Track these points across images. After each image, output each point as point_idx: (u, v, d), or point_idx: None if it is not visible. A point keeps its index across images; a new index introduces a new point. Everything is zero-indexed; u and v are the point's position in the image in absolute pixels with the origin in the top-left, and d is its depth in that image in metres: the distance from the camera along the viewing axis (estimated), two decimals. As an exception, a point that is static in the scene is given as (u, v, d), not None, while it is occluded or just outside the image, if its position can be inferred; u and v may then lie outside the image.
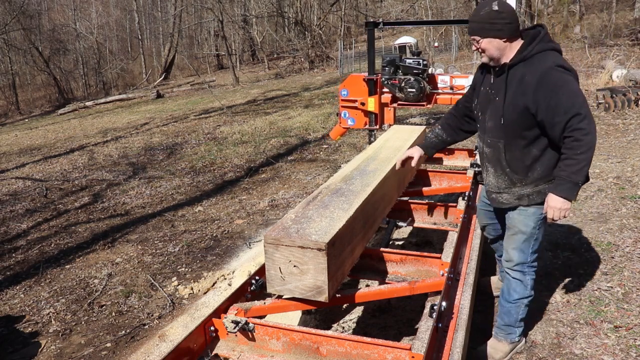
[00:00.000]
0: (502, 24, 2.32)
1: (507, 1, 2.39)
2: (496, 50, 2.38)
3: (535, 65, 2.30)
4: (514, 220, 2.60)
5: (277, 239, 2.10)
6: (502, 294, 2.78)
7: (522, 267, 2.65)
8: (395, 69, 4.57)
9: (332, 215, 2.30)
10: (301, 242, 2.05)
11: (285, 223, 2.23)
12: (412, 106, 4.67)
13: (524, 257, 2.63)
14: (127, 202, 6.71)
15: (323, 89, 16.52)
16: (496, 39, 2.36)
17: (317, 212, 2.34)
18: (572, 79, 2.27)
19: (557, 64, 2.27)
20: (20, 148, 11.97)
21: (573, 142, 2.24)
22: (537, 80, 2.27)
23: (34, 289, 4.48)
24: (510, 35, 2.35)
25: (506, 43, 2.36)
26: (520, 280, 2.67)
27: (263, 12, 28.88)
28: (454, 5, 22.69)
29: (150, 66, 32.66)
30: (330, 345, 1.97)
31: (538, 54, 2.32)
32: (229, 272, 4.35)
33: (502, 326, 2.80)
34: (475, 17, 2.38)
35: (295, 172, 7.29)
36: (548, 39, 2.37)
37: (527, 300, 2.71)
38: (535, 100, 2.29)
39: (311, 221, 2.23)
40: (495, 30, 2.33)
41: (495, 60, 2.43)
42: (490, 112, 2.51)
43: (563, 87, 2.23)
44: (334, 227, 2.16)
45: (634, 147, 6.68)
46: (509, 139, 2.46)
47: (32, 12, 29.16)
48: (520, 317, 2.75)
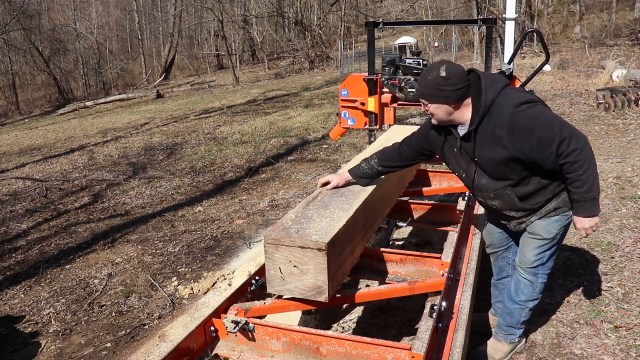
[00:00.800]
0: (450, 90, 2.25)
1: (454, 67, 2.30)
2: (445, 115, 2.33)
3: (497, 117, 2.24)
4: (536, 226, 2.52)
5: (278, 239, 2.10)
6: (508, 293, 2.74)
7: (537, 270, 2.60)
8: (395, 69, 4.56)
9: (332, 216, 2.30)
10: (301, 242, 2.05)
11: (286, 223, 2.23)
12: (412, 106, 4.67)
13: (541, 260, 2.58)
14: (127, 202, 6.71)
15: (323, 89, 16.52)
16: (444, 105, 2.29)
17: (317, 212, 2.34)
18: (538, 109, 2.22)
19: (515, 104, 2.21)
20: (20, 148, 11.97)
21: (572, 166, 2.22)
22: (508, 131, 2.22)
23: (34, 289, 4.48)
24: (458, 100, 2.28)
25: (454, 108, 2.30)
26: (530, 282, 2.62)
27: (263, 12, 28.90)
28: (454, 5, 22.69)
29: (150, 66, 32.67)
30: (330, 345, 1.97)
31: (493, 104, 2.25)
32: (229, 272, 4.35)
33: (504, 326, 2.78)
34: (422, 81, 2.32)
35: (295, 172, 7.29)
36: (490, 80, 2.29)
37: (532, 304, 2.68)
38: (517, 149, 2.24)
39: (311, 221, 2.23)
40: (442, 96, 2.27)
41: (445, 122, 2.37)
42: (478, 171, 2.44)
43: (534, 122, 2.18)
44: (334, 227, 2.16)
45: (634, 147, 6.69)
46: (515, 181, 2.40)
47: (32, 12, 29.17)
48: (523, 320, 2.73)
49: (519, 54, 15.83)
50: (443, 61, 2.33)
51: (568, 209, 2.44)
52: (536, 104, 2.25)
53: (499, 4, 19.46)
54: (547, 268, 2.62)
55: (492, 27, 4.48)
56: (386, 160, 2.72)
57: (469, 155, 2.41)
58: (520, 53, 15.84)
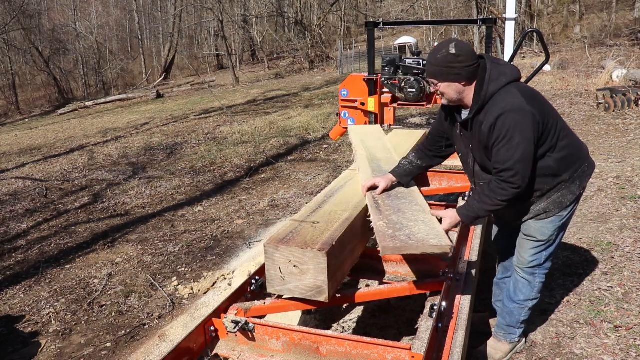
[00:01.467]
0: (460, 67, 2.25)
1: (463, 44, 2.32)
2: (455, 94, 2.32)
3: (489, 113, 2.26)
4: (530, 228, 2.54)
5: (399, 247, 2.03)
6: (507, 293, 2.75)
7: (534, 270, 2.62)
8: (395, 69, 4.57)
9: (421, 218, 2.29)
10: (424, 248, 2.01)
11: (386, 232, 2.15)
12: (412, 106, 4.67)
13: (538, 261, 2.59)
14: (127, 202, 6.71)
15: (323, 89, 16.52)
16: (455, 83, 2.29)
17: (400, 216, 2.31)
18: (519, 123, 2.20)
19: (508, 109, 2.20)
20: (20, 148, 11.97)
21: (491, 184, 2.27)
22: (489, 129, 2.25)
23: (34, 289, 4.48)
24: (469, 78, 2.28)
25: (465, 86, 2.30)
26: (528, 282, 2.64)
27: (263, 12, 28.90)
28: (454, 5, 22.70)
29: (150, 66, 32.67)
30: (330, 345, 1.97)
31: (491, 99, 2.26)
32: (229, 272, 4.35)
33: (504, 326, 2.79)
34: (432, 59, 2.31)
35: (295, 172, 7.29)
36: (497, 72, 2.28)
37: (531, 303, 2.69)
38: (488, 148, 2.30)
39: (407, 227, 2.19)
40: (453, 74, 2.26)
41: (454, 102, 2.38)
42: (471, 157, 2.49)
43: (505, 138, 2.20)
44: (436, 228, 2.17)
45: (634, 147, 6.69)
46: None
47: (32, 12, 29.16)
48: (522, 319, 2.74)
49: (519, 54, 15.82)
50: (451, 39, 2.34)
51: (560, 210, 2.46)
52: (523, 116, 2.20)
53: (499, 4, 19.47)
54: (544, 268, 2.63)
55: (492, 27, 4.49)
56: (421, 151, 2.74)
57: (467, 141, 2.45)
58: (520, 53, 15.84)
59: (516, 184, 2.22)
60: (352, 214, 2.40)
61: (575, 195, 2.47)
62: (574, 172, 2.44)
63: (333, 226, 2.26)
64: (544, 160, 2.35)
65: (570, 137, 2.46)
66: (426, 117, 10.04)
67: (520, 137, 2.19)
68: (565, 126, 2.45)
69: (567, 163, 2.41)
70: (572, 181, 2.44)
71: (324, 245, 2.07)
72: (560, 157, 2.37)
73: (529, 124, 2.21)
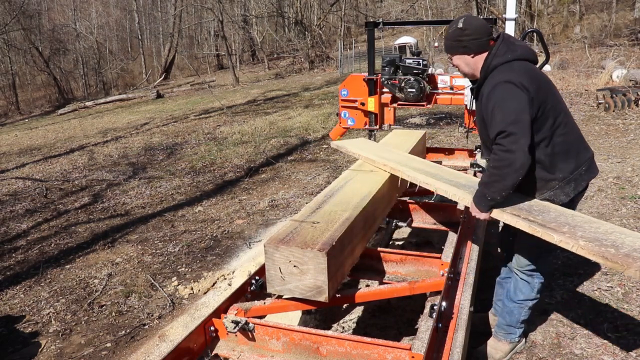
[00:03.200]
0: (467, 40, 2.40)
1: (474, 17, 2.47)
2: (466, 66, 2.48)
3: (488, 84, 2.36)
4: None
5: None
6: (507, 293, 2.77)
7: (533, 271, 2.64)
8: (395, 69, 4.56)
9: None
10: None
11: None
12: (412, 106, 4.67)
13: (535, 262, 2.62)
14: (127, 202, 6.71)
15: (323, 89, 16.52)
16: (463, 55, 2.45)
17: None
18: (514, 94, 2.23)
19: (505, 80, 2.27)
20: (20, 148, 11.97)
21: (492, 155, 2.28)
22: (487, 99, 2.33)
23: (34, 289, 4.48)
24: (478, 51, 2.42)
25: (474, 58, 2.44)
26: (527, 282, 2.66)
27: (263, 12, 28.90)
28: (454, 5, 22.70)
29: (150, 66, 32.66)
30: (330, 345, 1.97)
31: (493, 71, 2.36)
32: (229, 272, 4.35)
33: (504, 326, 2.79)
34: (446, 35, 2.50)
35: (295, 172, 7.29)
36: (505, 49, 2.36)
37: (531, 303, 2.70)
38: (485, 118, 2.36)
39: None
40: (461, 47, 2.43)
41: (468, 75, 2.52)
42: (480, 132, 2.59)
43: (499, 102, 2.25)
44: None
45: (634, 147, 6.69)
46: None
47: (32, 12, 29.15)
48: (522, 319, 2.75)
49: (519, 54, 15.77)
50: (463, 15, 2.53)
51: None
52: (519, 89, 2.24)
53: (499, 4, 19.47)
54: (542, 270, 2.65)
55: (492, 27, 4.48)
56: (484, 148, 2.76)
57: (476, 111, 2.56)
58: (520, 53, 15.80)
59: (511, 148, 2.18)
60: (352, 214, 2.39)
61: (569, 197, 2.46)
62: (570, 173, 2.43)
63: (333, 226, 2.26)
64: (536, 151, 2.36)
65: (571, 137, 2.44)
66: (426, 117, 10.04)
67: (514, 103, 2.23)
68: (568, 124, 2.43)
69: (561, 161, 2.40)
70: (567, 182, 2.43)
71: (324, 245, 2.07)
72: (553, 152, 2.37)
73: (523, 97, 2.24)
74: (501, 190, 2.27)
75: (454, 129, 8.51)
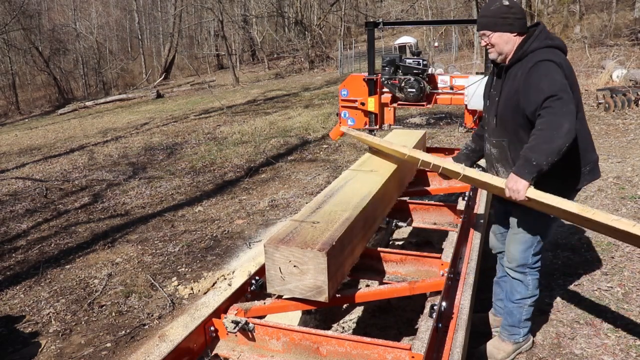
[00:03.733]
0: (513, 18, 2.38)
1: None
2: (504, 44, 2.42)
3: (527, 63, 2.34)
4: (517, 220, 2.58)
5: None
6: (506, 294, 2.78)
7: (524, 268, 2.64)
8: (395, 69, 4.56)
9: None
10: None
11: None
12: (412, 106, 4.67)
13: (525, 258, 2.61)
14: (127, 202, 6.71)
15: (323, 89, 16.52)
16: (506, 33, 2.40)
17: None
18: (558, 71, 2.25)
19: (548, 58, 2.28)
20: (20, 148, 11.97)
21: (539, 119, 2.21)
22: (526, 75, 2.31)
23: (34, 289, 4.48)
24: (520, 31, 2.40)
25: (515, 37, 2.41)
26: (520, 281, 2.66)
27: (263, 12, 28.90)
28: (454, 5, 22.69)
29: (150, 66, 32.66)
30: (330, 345, 1.97)
31: (532, 53, 2.35)
32: (229, 272, 4.35)
33: (506, 326, 2.79)
34: (485, 12, 2.44)
35: (295, 172, 7.29)
36: (545, 36, 2.38)
37: (530, 301, 2.69)
38: (522, 92, 2.33)
39: None
40: (506, 24, 2.39)
41: (503, 55, 2.45)
42: (492, 112, 2.55)
43: (545, 74, 2.23)
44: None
45: (634, 147, 6.69)
46: (511, 137, 2.47)
47: (32, 12, 29.15)
48: (524, 317, 2.73)
49: (519, 54, 15.76)
50: None
51: None
52: (561, 70, 2.25)
53: (499, 4, 19.40)
54: (533, 266, 2.64)
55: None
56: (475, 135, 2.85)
57: (496, 93, 2.52)
58: (520, 53, 15.80)
59: (562, 110, 2.13)
60: (352, 214, 2.39)
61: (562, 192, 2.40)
62: (570, 170, 2.44)
63: (333, 226, 2.26)
64: None
65: (583, 134, 2.44)
66: (426, 117, 10.04)
67: (560, 77, 2.21)
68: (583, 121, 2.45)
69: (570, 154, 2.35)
70: (565, 179, 2.44)
71: (324, 245, 2.07)
72: None
73: (564, 72, 2.25)
74: (548, 154, 2.14)
75: (454, 129, 8.51)
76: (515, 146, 2.46)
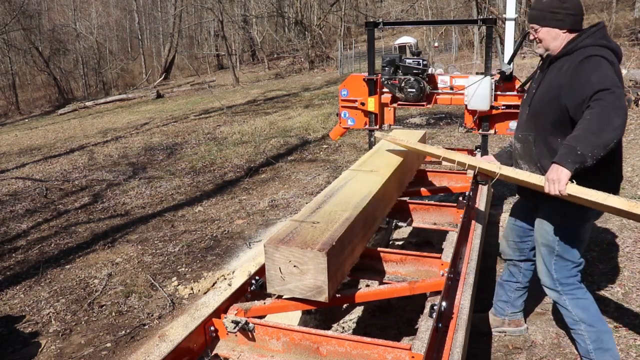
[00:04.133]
0: (564, 14, 2.26)
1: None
2: (552, 41, 2.31)
3: (576, 57, 2.21)
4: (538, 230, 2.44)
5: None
6: None
7: (554, 286, 2.47)
8: (395, 69, 4.56)
9: None
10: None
11: None
12: (412, 106, 4.67)
13: (550, 274, 2.46)
14: (127, 202, 6.71)
15: (323, 89, 16.52)
16: (555, 29, 2.29)
17: None
18: (610, 67, 2.12)
19: (600, 54, 2.15)
20: (20, 148, 11.97)
21: (588, 110, 2.04)
22: (573, 69, 2.18)
23: (34, 289, 4.48)
24: (571, 28, 2.28)
25: (565, 34, 2.29)
26: (558, 303, 2.50)
27: (263, 12, 28.90)
28: (454, 5, 22.68)
29: (150, 66, 32.66)
30: (330, 345, 1.97)
31: (583, 48, 2.21)
32: (229, 272, 4.35)
33: (581, 356, 2.59)
34: (536, 4, 2.34)
35: (296, 172, 7.29)
36: (601, 35, 2.24)
37: (585, 327, 2.40)
38: (566, 85, 2.20)
39: None
40: (556, 19, 2.27)
41: (550, 51, 2.35)
42: (526, 104, 2.46)
43: (596, 69, 2.09)
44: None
45: (634, 147, 6.69)
46: (539, 131, 2.37)
47: (32, 12, 29.15)
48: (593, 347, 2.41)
49: (519, 54, 15.82)
50: None
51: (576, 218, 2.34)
52: (613, 68, 2.13)
53: (499, 4, 19.45)
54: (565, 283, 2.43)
55: (492, 27, 4.48)
56: None
57: (535, 86, 2.42)
58: (520, 53, 15.84)
59: (615, 104, 1.99)
60: (352, 214, 2.39)
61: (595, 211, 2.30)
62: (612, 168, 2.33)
63: (333, 226, 2.26)
64: None
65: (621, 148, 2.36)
66: (426, 117, 10.04)
67: (611, 73, 2.09)
68: None
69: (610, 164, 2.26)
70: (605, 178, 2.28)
71: (324, 245, 2.07)
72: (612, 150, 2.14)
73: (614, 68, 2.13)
74: (594, 146, 1.98)
75: (454, 129, 8.51)
76: (541, 142, 2.34)
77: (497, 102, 4.35)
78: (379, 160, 3.32)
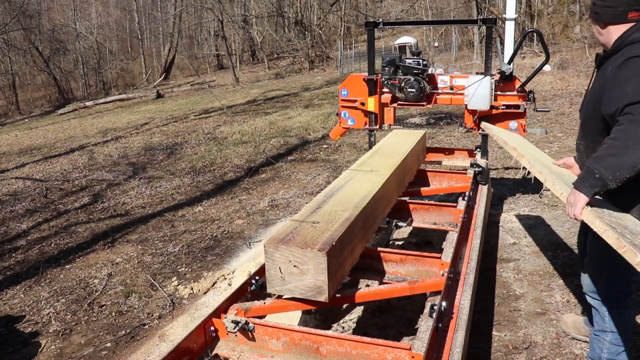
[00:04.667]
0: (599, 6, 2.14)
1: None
2: (598, 35, 2.20)
3: (620, 57, 2.03)
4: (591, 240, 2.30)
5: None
6: None
7: (595, 295, 2.39)
8: (395, 69, 4.57)
9: None
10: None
11: None
12: (412, 106, 4.68)
13: (593, 282, 2.38)
14: (127, 202, 6.71)
15: (323, 89, 16.52)
16: (594, 24, 2.20)
17: None
18: None
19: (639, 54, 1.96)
20: (20, 148, 11.97)
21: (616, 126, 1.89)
22: (615, 71, 2.01)
23: (34, 289, 4.48)
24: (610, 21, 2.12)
25: (605, 28, 2.14)
26: (596, 309, 2.40)
27: (263, 12, 28.92)
28: (454, 5, 22.69)
29: (150, 66, 32.67)
30: (330, 345, 1.97)
31: (630, 45, 2.03)
32: (229, 272, 4.35)
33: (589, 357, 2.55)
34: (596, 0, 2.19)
35: (295, 172, 7.29)
36: None
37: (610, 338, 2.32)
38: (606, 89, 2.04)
39: None
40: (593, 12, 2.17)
41: (601, 44, 2.23)
42: (580, 110, 2.36)
43: (635, 75, 1.90)
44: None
45: (634, 147, 6.68)
46: (588, 141, 2.23)
47: (32, 12, 29.16)
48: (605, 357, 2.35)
49: (519, 54, 15.82)
50: None
51: None
52: None
53: (499, 4, 19.46)
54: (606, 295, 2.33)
55: (492, 27, 4.49)
56: None
57: (588, 89, 2.31)
58: (520, 53, 15.84)
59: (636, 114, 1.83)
60: (352, 214, 2.40)
61: None
62: None
63: (333, 226, 2.26)
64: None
65: None
66: (426, 117, 10.04)
67: None
68: None
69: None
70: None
71: (324, 245, 2.07)
72: None
73: None
74: (615, 168, 1.84)
75: (454, 129, 8.51)
76: (591, 152, 2.10)
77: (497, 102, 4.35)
78: (379, 160, 3.33)
